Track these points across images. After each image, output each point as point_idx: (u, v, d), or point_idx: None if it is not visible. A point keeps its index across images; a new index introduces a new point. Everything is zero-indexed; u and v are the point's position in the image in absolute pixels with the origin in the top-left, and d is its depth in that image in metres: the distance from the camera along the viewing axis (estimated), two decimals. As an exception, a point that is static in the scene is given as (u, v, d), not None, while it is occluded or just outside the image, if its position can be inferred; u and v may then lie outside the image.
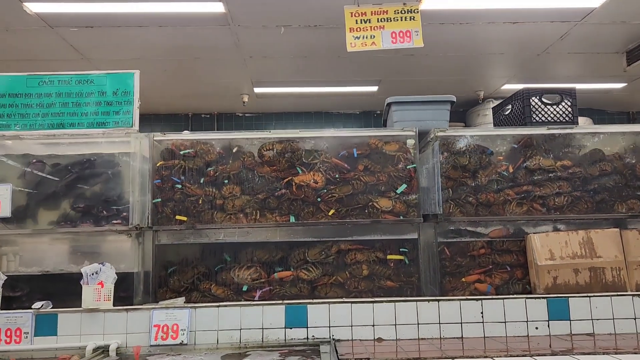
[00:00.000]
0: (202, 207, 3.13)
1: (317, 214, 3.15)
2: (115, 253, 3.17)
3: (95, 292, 2.85)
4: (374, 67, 5.45)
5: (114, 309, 2.85)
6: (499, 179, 3.25)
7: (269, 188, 3.17)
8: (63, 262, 3.16)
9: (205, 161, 3.18)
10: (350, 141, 3.29)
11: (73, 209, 3.14)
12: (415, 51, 4.92)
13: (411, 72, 5.61)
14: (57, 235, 3.16)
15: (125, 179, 3.15)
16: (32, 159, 3.12)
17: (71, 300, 2.99)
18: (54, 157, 3.16)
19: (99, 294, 2.87)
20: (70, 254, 3.17)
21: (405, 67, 5.45)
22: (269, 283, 3.15)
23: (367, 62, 5.28)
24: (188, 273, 3.16)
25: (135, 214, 3.08)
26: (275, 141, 3.22)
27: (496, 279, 3.23)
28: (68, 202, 3.16)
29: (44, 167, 3.14)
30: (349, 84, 6.08)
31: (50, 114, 3.11)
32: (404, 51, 4.80)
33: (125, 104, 3.15)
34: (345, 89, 6.30)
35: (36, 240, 3.19)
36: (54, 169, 3.15)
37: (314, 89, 6.20)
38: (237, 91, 6.18)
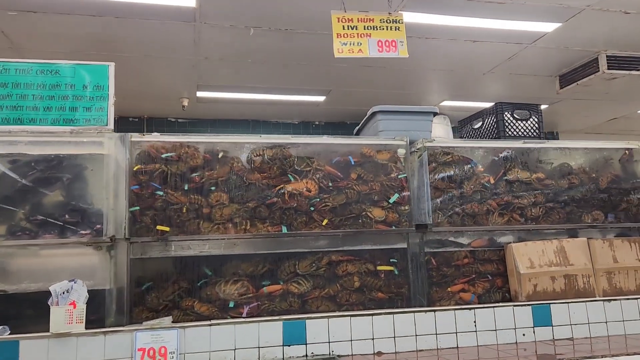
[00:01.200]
0: (186, 216, 2.84)
1: (311, 223, 3.00)
2: (83, 268, 2.77)
3: (66, 313, 2.46)
4: (327, 76, 5.41)
5: (89, 333, 2.48)
6: (482, 189, 3.34)
7: (259, 196, 2.96)
8: (19, 281, 2.69)
9: (189, 166, 2.90)
10: (342, 149, 3.20)
11: (31, 218, 2.70)
12: (373, 62, 4.95)
13: (362, 83, 5.64)
14: (11, 249, 2.70)
15: (96, 184, 2.77)
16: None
17: (32, 324, 2.57)
18: (8, 157, 2.70)
19: (71, 316, 2.48)
20: (28, 271, 2.72)
21: (358, 78, 5.47)
22: (257, 298, 2.93)
23: (323, 71, 5.23)
24: (167, 289, 2.85)
25: (110, 223, 2.72)
26: (266, 147, 3.02)
27: (479, 287, 3.29)
28: (26, 208, 2.72)
29: (0, 167, 2.67)
30: (296, 93, 5.97)
31: (4, 107, 2.67)
32: (361, 61, 4.80)
33: (97, 99, 2.79)
34: (291, 97, 6.19)
35: None
36: (12, 166, 2.69)
37: (260, 96, 6.01)
38: (177, 94, 5.81)
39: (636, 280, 3.39)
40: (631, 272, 3.39)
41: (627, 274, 3.38)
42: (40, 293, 2.66)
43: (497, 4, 3.83)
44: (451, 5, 3.79)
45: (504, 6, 3.87)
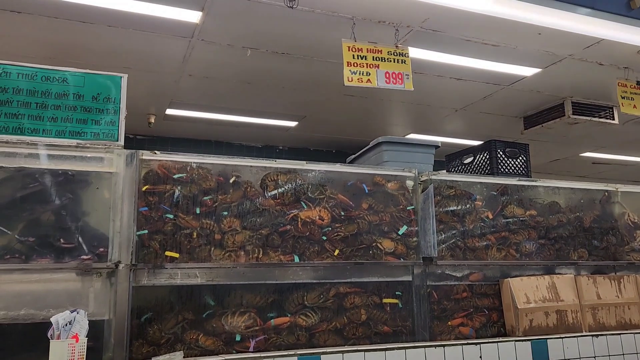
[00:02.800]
0: (197, 242, 2.66)
1: (322, 253, 2.91)
2: (79, 297, 2.51)
3: (69, 348, 2.20)
4: (306, 102, 5.38)
5: (93, 371, 2.23)
6: (482, 224, 3.41)
7: (272, 223, 2.84)
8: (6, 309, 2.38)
9: (201, 188, 2.73)
10: (353, 177, 3.15)
11: (24, 239, 2.41)
12: (357, 92, 4.99)
13: (338, 111, 5.65)
14: None
15: (102, 204, 2.54)
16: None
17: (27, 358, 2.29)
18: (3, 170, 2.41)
19: (73, 352, 2.22)
20: (17, 297, 2.41)
21: (336, 106, 5.48)
22: (264, 331, 2.78)
23: (304, 97, 5.19)
24: (170, 321, 2.63)
25: (115, 248, 2.49)
26: (280, 172, 2.92)
27: (476, 322, 3.33)
28: (19, 228, 2.42)
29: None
30: (270, 117, 5.88)
31: (2, 114, 2.39)
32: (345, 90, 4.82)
33: (108, 112, 2.58)
34: (262, 120, 6.08)
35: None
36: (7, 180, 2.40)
37: (231, 117, 5.85)
38: (145, 110, 5.52)
39: (616, 316, 3.57)
40: (612, 308, 3.57)
41: (609, 310, 3.55)
42: (29, 324, 2.38)
43: (492, 46, 4.00)
44: (449, 43, 3.90)
45: (497, 49, 4.04)
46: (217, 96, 5.11)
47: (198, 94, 5.03)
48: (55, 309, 2.43)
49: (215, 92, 4.98)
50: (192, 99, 5.20)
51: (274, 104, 5.40)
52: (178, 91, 4.92)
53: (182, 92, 4.94)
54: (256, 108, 5.54)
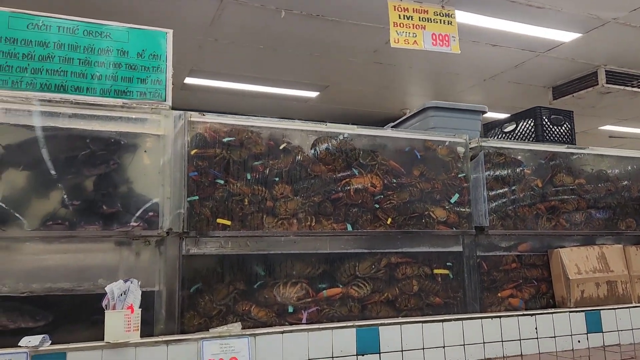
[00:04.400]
0: (249, 209, 2.52)
1: (375, 222, 2.78)
2: (127, 266, 2.38)
3: (125, 319, 2.07)
4: (331, 70, 5.19)
5: (148, 342, 2.12)
6: (532, 193, 3.28)
7: (324, 190, 2.70)
8: (52, 280, 2.24)
9: (252, 153, 2.57)
10: (404, 143, 3.00)
11: (69, 205, 2.26)
12: (385, 59, 4.81)
13: (362, 81, 5.48)
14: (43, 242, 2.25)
15: (150, 168, 2.39)
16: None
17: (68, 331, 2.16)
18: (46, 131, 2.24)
19: (129, 323, 2.09)
20: (64, 268, 2.28)
21: (362, 75, 5.30)
22: (316, 302, 2.66)
23: (331, 64, 5.01)
24: (221, 291, 2.50)
25: (165, 215, 2.34)
26: (331, 136, 2.76)
27: (525, 293, 3.22)
28: (64, 194, 2.27)
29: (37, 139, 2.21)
30: (291, 86, 5.69)
31: (44, 71, 2.22)
32: (376, 57, 4.65)
33: (154, 70, 2.40)
34: (283, 91, 5.89)
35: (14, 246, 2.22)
36: (50, 142, 2.23)
37: (251, 87, 5.66)
38: (162, 79, 5.32)
39: (665, 287, 3.49)
40: (661, 278, 3.48)
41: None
42: (77, 295, 2.25)
43: (536, 8, 3.82)
44: (494, 5, 3.72)
45: (542, 11, 3.87)
46: (239, 64, 4.92)
47: (220, 61, 4.83)
48: (104, 279, 2.30)
49: (238, 59, 4.79)
50: (214, 67, 5.00)
51: (298, 73, 5.21)
52: (200, 58, 4.72)
53: (205, 58, 4.74)
54: (279, 77, 5.35)
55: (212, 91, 5.81)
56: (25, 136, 2.23)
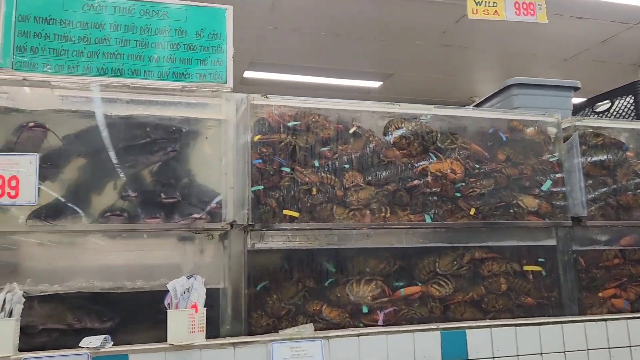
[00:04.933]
0: (317, 199, 2.30)
1: (456, 212, 2.49)
2: (189, 262, 2.22)
3: (189, 319, 1.90)
4: (397, 56, 4.91)
5: (215, 344, 1.93)
6: (636, 179, 2.87)
7: (399, 178, 2.43)
8: (110, 277, 2.12)
9: (319, 138, 2.36)
10: (486, 124, 2.69)
11: (127, 196, 2.12)
12: (455, 41, 4.47)
13: (430, 67, 5.15)
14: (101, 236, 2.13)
15: (211, 156, 2.22)
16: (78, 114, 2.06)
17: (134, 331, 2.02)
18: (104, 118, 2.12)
19: (193, 323, 1.92)
20: (124, 264, 2.15)
21: (429, 60, 4.98)
22: (393, 302, 2.41)
23: (396, 49, 4.72)
24: (289, 290, 2.30)
25: (229, 206, 2.16)
26: (405, 118, 2.50)
27: (630, 293, 2.82)
28: (121, 184, 2.14)
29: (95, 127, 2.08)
30: (353, 76, 5.46)
31: (101, 54, 2.09)
32: (444, 39, 4.31)
33: (213, 50, 2.23)
34: (345, 82, 5.66)
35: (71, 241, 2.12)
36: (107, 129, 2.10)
37: (311, 79, 5.47)
38: (221, 73, 5.23)
39: None
40: None
41: None
42: (138, 293, 2.11)
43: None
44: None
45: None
46: (300, 53, 4.74)
47: (280, 51, 4.66)
48: (165, 275, 2.15)
49: (298, 48, 4.61)
50: (274, 58, 4.85)
51: (360, 61, 4.97)
52: (259, 49, 4.57)
53: (264, 49, 4.59)
54: (340, 66, 5.13)
55: (271, 85, 5.67)
56: (82, 125, 2.11)
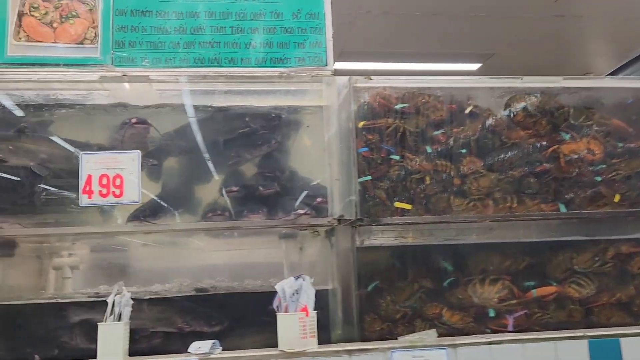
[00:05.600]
0: (431, 190, 2.05)
1: (597, 200, 2.13)
2: (293, 261, 2.07)
3: (299, 323, 1.74)
4: (499, 33, 4.49)
5: (329, 351, 1.76)
6: None
7: (525, 162, 2.12)
8: (213, 278, 2.02)
9: (431, 120, 2.11)
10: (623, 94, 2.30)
11: (228, 192, 2.01)
12: (568, 10, 3.99)
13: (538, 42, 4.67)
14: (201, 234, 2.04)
15: (313, 145, 2.05)
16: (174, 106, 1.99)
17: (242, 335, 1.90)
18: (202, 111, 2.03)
19: (304, 328, 1.75)
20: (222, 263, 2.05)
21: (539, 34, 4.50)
22: (523, 304, 2.10)
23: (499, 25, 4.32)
24: (404, 291, 2.07)
25: (335, 199, 1.98)
26: (529, 93, 2.18)
27: None
28: (221, 180, 2.04)
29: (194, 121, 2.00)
30: (451, 59, 5.10)
31: (197, 44, 1.99)
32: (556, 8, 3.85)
33: (312, 31, 2.06)
34: (441, 66, 5.30)
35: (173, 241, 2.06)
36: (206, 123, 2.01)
37: (404, 66, 5.19)
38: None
39: None
40: None
41: None
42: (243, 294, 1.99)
43: None
44: None
45: None
46: (393, 38, 4.47)
47: (372, 38, 4.43)
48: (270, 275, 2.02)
49: (392, 32, 4.34)
50: (365, 45, 4.62)
51: (458, 41, 4.61)
52: (351, 37, 4.37)
53: (356, 37, 4.38)
54: (436, 49, 4.80)
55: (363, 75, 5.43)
56: (181, 119, 2.03)
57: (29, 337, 1.85)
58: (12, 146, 1.91)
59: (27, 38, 1.89)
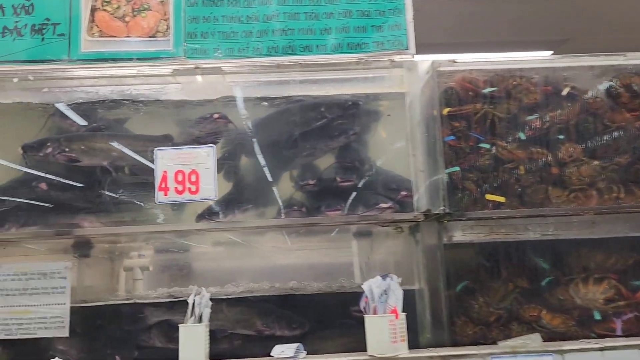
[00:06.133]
0: (526, 180, 1.87)
1: None
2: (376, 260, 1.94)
3: (390, 327, 1.61)
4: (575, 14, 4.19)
5: (422, 357, 1.61)
6: None
7: (633, 147, 1.91)
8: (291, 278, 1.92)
9: (523, 105, 1.92)
10: None
11: (301, 186, 1.91)
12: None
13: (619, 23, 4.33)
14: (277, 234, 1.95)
15: (394, 135, 1.92)
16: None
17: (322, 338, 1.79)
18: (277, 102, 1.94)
19: (394, 330, 1.62)
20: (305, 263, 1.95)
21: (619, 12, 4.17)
22: (633, 306, 1.88)
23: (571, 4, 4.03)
24: (497, 291, 1.90)
25: (421, 193, 1.83)
26: (635, 71, 1.96)
27: None
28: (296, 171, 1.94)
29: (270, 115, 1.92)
30: (520, 47, 4.82)
31: (270, 32, 1.90)
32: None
33: (390, 13, 1.92)
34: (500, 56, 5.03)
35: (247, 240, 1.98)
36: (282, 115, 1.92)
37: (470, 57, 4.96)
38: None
39: None
40: None
41: None
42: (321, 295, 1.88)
43: None
44: None
45: None
46: (459, 27, 4.27)
47: (437, 28, 4.23)
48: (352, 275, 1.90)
49: (451, 21, 4.14)
50: (430, 37, 4.42)
51: (528, 27, 4.33)
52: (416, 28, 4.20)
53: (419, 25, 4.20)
54: (505, 37, 4.54)
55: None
56: (255, 112, 1.94)
57: (108, 338, 1.81)
58: (84, 146, 1.88)
59: (100, 33, 1.86)
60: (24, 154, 1.85)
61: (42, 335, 1.78)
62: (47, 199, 1.85)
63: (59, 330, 1.78)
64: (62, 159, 1.85)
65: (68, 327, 1.78)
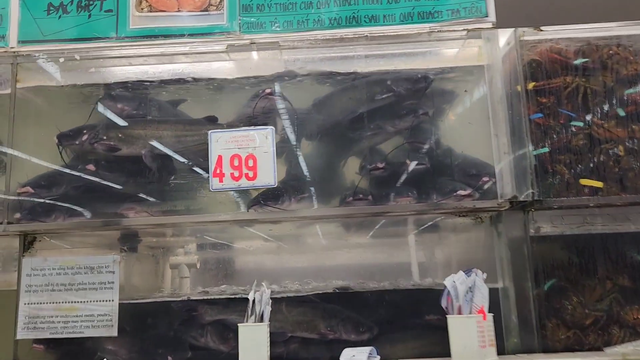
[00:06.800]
0: (627, 163, 1.63)
1: None
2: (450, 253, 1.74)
3: (477, 328, 1.40)
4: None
5: (515, 365, 1.40)
6: None
7: None
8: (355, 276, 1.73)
9: (621, 77, 1.69)
10: None
11: (367, 171, 1.71)
12: None
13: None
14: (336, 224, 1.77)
15: (472, 113, 1.71)
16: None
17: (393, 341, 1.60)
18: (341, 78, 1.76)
19: (482, 333, 1.41)
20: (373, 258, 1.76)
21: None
22: None
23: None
24: (594, 290, 1.66)
25: (506, 177, 1.61)
26: None
27: None
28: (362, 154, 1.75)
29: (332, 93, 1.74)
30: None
31: (332, 1, 1.72)
32: None
33: (466, -23, 1.72)
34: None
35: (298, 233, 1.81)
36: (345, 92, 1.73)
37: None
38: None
39: None
40: None
41: None
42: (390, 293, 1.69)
43: None
44: None
45: None
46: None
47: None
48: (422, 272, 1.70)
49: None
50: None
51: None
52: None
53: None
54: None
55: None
56: (318, 90, 1.77)
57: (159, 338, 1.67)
58: (122, 133, 1.74)
59: (150, 8, 1.72)
60: (58, 143, 1.73)
61: (90, 335, 1.65)
62: (94, 187, 1.72)
63: (107, 329, 1.65)
64: (100, 148, 1.71)
65: (117, 325, 1.64)
